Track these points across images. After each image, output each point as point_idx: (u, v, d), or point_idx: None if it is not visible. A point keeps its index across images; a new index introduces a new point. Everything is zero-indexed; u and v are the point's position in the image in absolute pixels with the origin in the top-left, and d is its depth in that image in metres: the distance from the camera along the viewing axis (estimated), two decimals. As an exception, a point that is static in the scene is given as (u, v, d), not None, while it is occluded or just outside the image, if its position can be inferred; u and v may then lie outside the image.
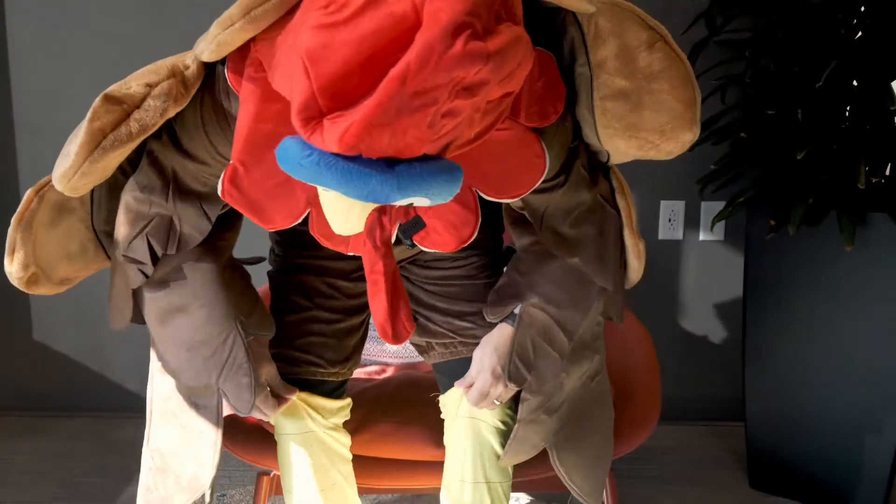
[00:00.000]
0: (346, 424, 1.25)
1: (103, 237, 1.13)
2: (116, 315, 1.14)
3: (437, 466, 1.32)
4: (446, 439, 1.23)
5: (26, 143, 2.08)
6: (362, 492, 1.40)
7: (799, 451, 1.78)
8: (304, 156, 0.72)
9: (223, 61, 0.91)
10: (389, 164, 0.71)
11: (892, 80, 1.58)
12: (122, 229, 1.04)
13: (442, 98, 0.67)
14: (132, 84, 0.90)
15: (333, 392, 1.21)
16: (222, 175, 0.95)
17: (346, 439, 1.23)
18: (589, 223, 1.08)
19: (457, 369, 1.19)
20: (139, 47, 2.01)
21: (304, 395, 1.17)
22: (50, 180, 1.03)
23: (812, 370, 1.72)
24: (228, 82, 0.91)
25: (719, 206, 1.98)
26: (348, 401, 1.24)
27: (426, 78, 0.66)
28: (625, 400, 1.40)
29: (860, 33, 1.66)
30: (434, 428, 1.34)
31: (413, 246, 0.95)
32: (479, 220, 1.00)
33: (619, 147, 1.02)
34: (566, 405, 1.17)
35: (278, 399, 1.13)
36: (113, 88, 0.90)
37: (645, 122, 0.97)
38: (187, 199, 1.02)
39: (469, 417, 1.17)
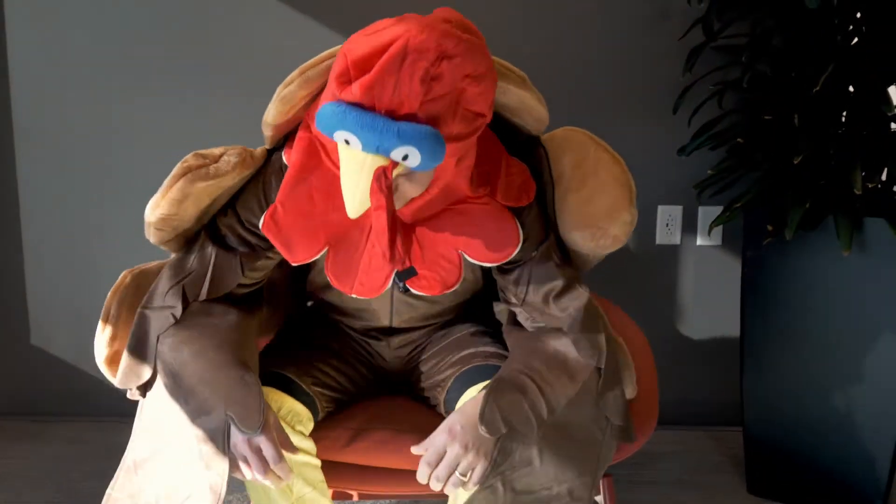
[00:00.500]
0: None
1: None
2: (132, 374, 1.21)
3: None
4: None
5: (25, 147, 2.09)
6: (360, 498, 1.40)
7: (797, 455, 1.78)
8: (336, 107, 0.98)
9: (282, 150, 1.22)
10: (393, 120, 0.97)
11: (889, 85, 1.59)
12: (161, 284, 1.23)
13: (431, 57, 0.97)
14: (214, 149, 1.21)
15: (302, 397, 1.25)
16: (265, 213, 1.19)
17: (308, 445, 1.24)
18: (568, 298, 1.23)
19: (466, 378, 1.27)
20: (139, 50, 2.02)
21: (273, 391, 1.22)
22: (137, 269, 1.32)
23: (810, 374, 1.73)
24: (284, 159, 1.20)
25: (717, 210, 1.99)
26: (309, 414, 1.25)
27: (422, 41, 0.97)
28: (623, 404, 1.39)
29: (857, 38, 1.67)
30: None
31: (405, 290, 1.25)
32: (462, 273, 1.22)
33: (576, 240, 1.27)
34: (527, 496, 1.12)
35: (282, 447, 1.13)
36: (200, 150, 1.21)
37: (596, 208, 1.23)
38: (229, 252, 1.24)
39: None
